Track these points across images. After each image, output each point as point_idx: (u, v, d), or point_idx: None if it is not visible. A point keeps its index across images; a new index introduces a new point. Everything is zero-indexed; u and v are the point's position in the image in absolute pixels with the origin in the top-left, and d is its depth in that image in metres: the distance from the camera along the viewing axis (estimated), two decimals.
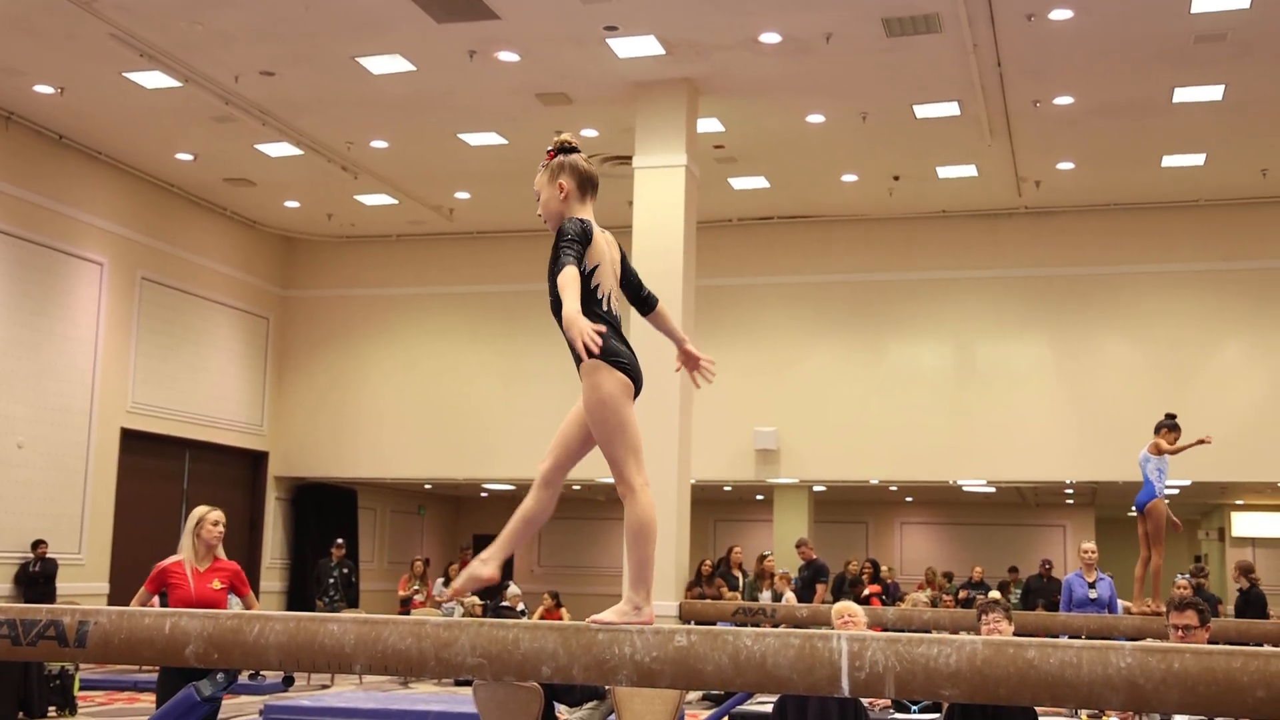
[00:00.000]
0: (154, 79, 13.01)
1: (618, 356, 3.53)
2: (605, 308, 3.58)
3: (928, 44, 11.87)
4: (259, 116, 14.01)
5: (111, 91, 13.43)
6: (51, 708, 9.96)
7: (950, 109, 13.49)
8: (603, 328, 3.40)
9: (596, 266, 3.56)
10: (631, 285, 3.82)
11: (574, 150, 3.68)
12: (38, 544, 14.25)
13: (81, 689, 11.03)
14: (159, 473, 16.92)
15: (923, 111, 13.61)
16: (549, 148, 3.67)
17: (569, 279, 3.40)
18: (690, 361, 4.05)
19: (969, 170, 15.51)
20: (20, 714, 9.31)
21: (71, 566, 14.87)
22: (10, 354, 14.22)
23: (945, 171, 15.61)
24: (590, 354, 3.36)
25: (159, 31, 11.94)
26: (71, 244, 15.19)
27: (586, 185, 3.65)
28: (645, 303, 3.90)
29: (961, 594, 17.21)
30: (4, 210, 14.17)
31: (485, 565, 3.63)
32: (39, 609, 3.39)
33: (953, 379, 17.04)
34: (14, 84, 13.32)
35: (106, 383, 15.69)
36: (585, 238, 3.50)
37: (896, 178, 15.85)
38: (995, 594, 16.27)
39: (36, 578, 14.07)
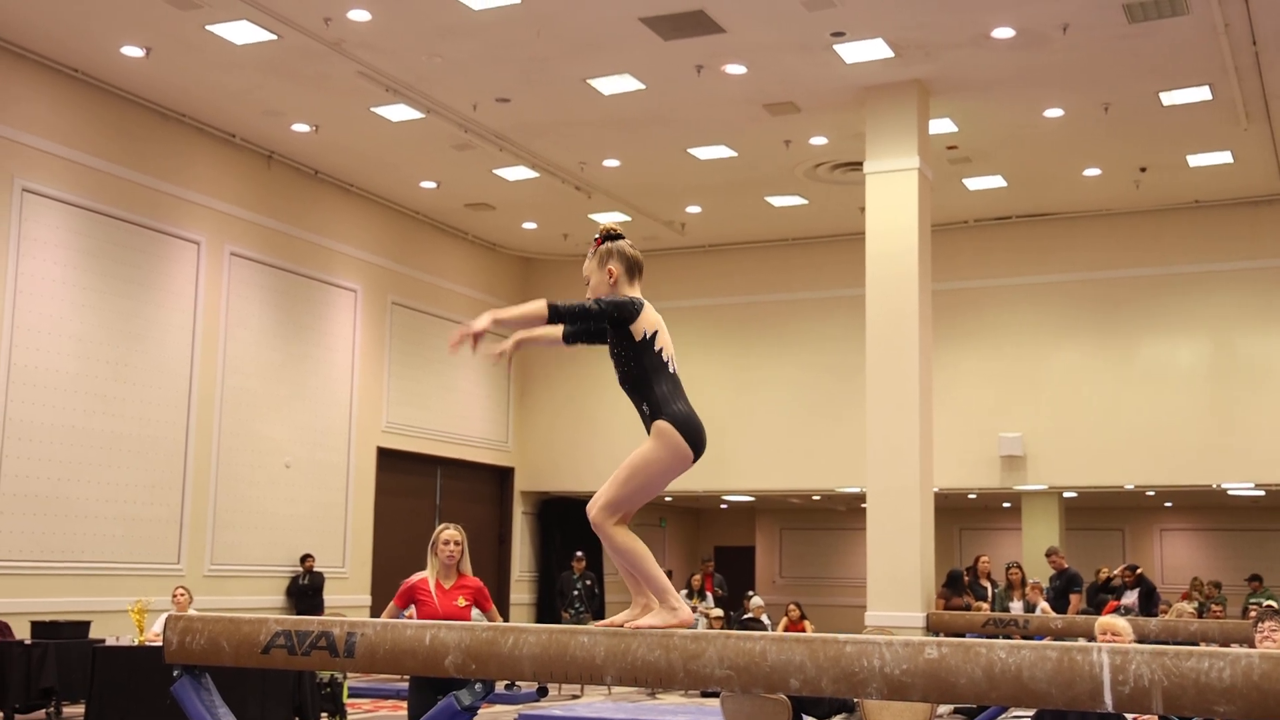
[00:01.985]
0: (399, 112, 13.61)
1: (688, 425, 3.69)
2: (671, 370, 3.79)
3: (1173, 27, 11.34)
4: (496, 142, 14.48)
5: (361, 126, 14.11)
6: (324, 714, 10.46)
7: (1200, 94, 12.85)
8: (484, 324, 3.72)
9: (656, 333, 3.79)
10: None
11: (619, 237, 3.95)
12: (305, 558, 15.05)
13: (348, 697, 11.57)
14: (413, 489, 17.63)
15: (1170, 98, 13.00)
16: (595, 235, 3.96)
17: (540, 306, 3.69)
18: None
19: (1223, 157, 14.74)
20: (295, 719, 9.82)
21: (336, 579, 15.65)
22: (275, 379, 15.08)
23: (1197, 160, 14.86)
24: (665, 412, 3.67)
25: (402, 66, 12.49)
26: (328, 273, 16.02)
27: (634, 269, 3.92)
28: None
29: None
30: (268, 243, 15.05)
31: (677, 612, 3.62)
32: (311, 621, 3.58)
33: (1211, 376, 16.19)
34: (274, 124, 14.15)
35: (363, 404, 16.47)
36: (633, 311, 3.75)
37: (1143, 169, 15.19)
38: (1272, 601, 15.34)
39: (305, 590, 14.86)
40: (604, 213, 17.23)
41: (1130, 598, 14.16)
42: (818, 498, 21.39)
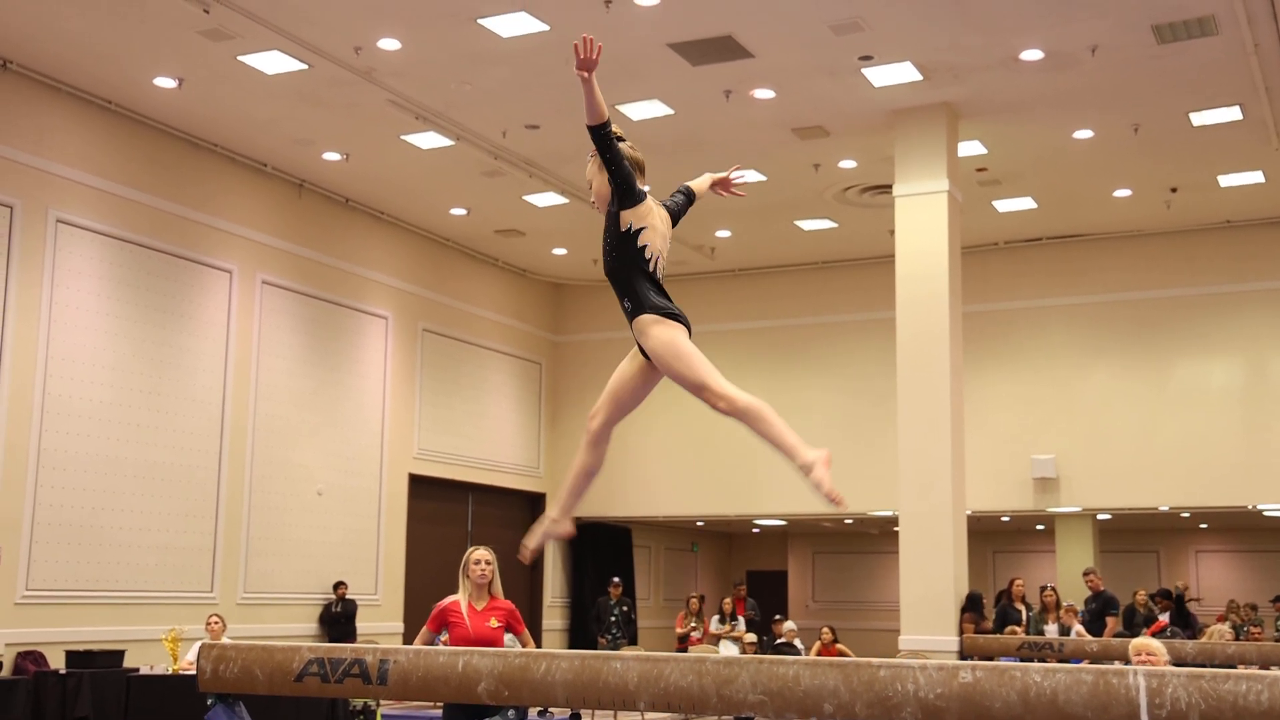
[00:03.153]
0: (429, 139, 13.70)
1: (670, 312, 3.86)
2: (652, 269, 3.91)
3: (1203, 48, 11.31)
4: (526, 168, 14.55)
5: (391, 154, 14.22)
6: None
7: (1231, 114, 12.79)
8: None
9: (644, 229, 3.91)
10: (680, 204, 4.24)
11: (620, 139, 4.05)
12: (338, 585, 15.09)
13: None
14: (445, 516, 17.66)
15: (1200, 119, 12.95)
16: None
17: (601, 115, 3.92)
18: (722, 184, 4.44)
19: (1255, 177, 14.65)
20: None
21: (369, 606, 15.68)
22: (307, 406, 15.16)
23: (1228, 180, 14.79)
24: (645, 306, 3.85)
25: (431, 94, 12.58)
26: (359, 300, 16.11)
27: (635, 168, 4.04)
28: (689, 194, 4.30)
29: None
30: (300, 271, 15.16)
31: (560, 524, 3.99)
32: (344, 648, 3.59)
33: (1245, 397, 16.05)
34: (305, 153, 14.27)
35: (394, 431, 16.53)
36: (633, 196, 3.91)
37: (1174, 189, 15.12)
38: None
39: (338, 618, 14.88)
40: None
41: (1165, 618, 14.03)
42: (850, 521, 21.30)
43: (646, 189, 4.02)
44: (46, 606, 11.93)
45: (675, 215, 4.18)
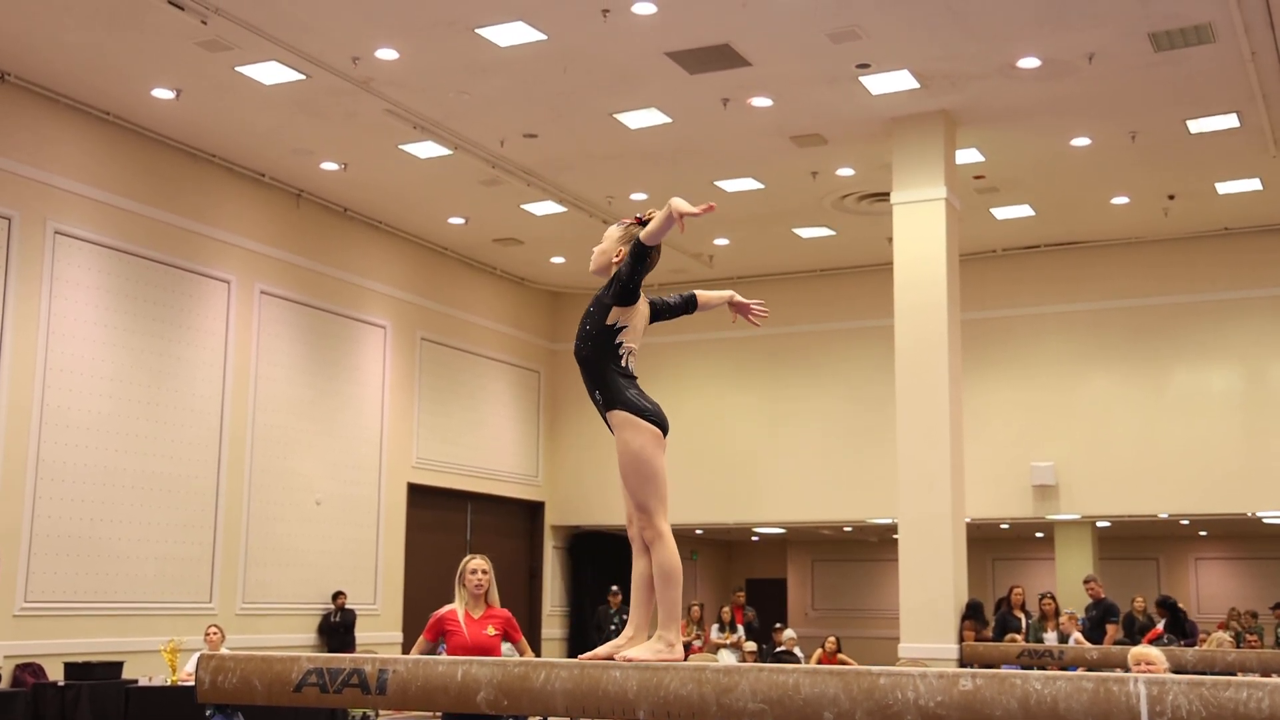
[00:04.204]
0: (426, 149, 13.71)
1: (643, 410, 3.89)
2: (624, 364, 3.96)
3: (1200, 55, 11.32)
4: (524, 177, 14.56)
5: (389, 163, 14.22)
6: None
7: (1228, 121, 12.80)
8: (706, 208, 3.77)
9: (625, 327, 3.97)
10: (672, 306, 4.23)
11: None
12: (337, 595, 15.07)
13: None
14: (444, 525, 17.64)
15: (1197, 126, 12.96)
16: (636, 214, 4.09)
17: (652, 232, 3.87)
18: (740, 309, 4.39)
19: (1252, 184, 14.67)
20: None
21: (368, 616, 15.65)
22: (305, 416, 15.14)
23: (1225, 187, 14.80)
24: (619, 402, 3.87)
25: (429, 104, 12.59)
26: (358, 310, 16.10)
27: (650, 264, 4.05)
28: (689, 302, 4.28)
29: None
30: (298, 281, 15.15)
31: (672, 648, 3.79)
32: (343, 658, 3.59)
33: (1244, 404, 16.05)
34: (303, 163, 14.28)
35: (393, 440, 16.51)
36: (632, 299, 3.95)
37: (1172, 196, 15.13)
38: None
39: (337, 627, 14.86)
40: None
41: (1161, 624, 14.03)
42: (849, 529, 21.29)
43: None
44: (45, 618, 11.90)
45: (659, 315, 4.19)
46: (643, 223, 4.02)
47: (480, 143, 13.57)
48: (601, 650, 3.76)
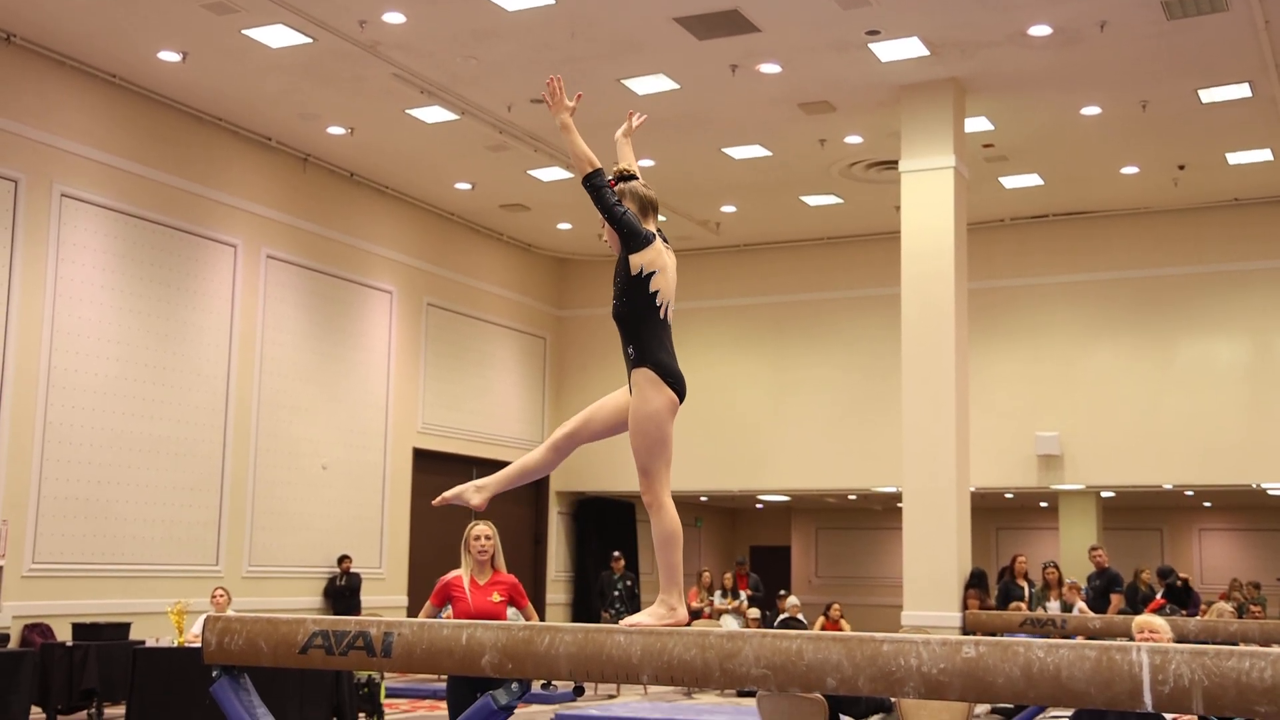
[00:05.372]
0: (433, 114, 13.66)
1: (670, 374, 3.83)
2: (662, 315, 3.87)
3: (1213, 24, 11.24)
4: (531, 143, 14.51)
5: (396, 128, 14.18)
6: (361, 714, 10.51)
7: (1240, 91, 12.72)
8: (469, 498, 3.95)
9: (654, 273, 3.84)
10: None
11: (633, 178, 4.02)
12: (343, 559, 15.13)
13: (386, 697, 11.62)
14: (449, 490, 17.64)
15: (1209, 96, 12.89)
16: (609, 176, 3.97)
17: (589, 163, 3.87)
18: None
19: (1263, 155, 14.59)
20: (333, 719, 9.86)
21: (374, 580, 15.73)
22: (311, 381, 15.17)
23: (1236, 157, 14.73)
24: (649, 360, 3.80)
25: (437, 68, 12.54)
26: (364, 275, 16.10)
27: (647, 207, 3.97)
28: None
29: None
30: (304, 246, 15.14)
31: (479, 493, 4.14)
32: (348, 621, 3.60)
33: (1250, 375, 16.03)
34: (310, 128, 14.24)
35: (399, 405, 16.54)
36: (640, 241, 3.83)
37: (1182, 167, 15.06)
38: None
39: (343, 591, 14.94)
40: None
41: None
42: (854, 497, 21.32)
43: (654, 231, 3.93)
44: (53, 579, 11.97)
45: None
46: (619, 179, 3.99)
47: (487, 108, 13.52)
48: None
